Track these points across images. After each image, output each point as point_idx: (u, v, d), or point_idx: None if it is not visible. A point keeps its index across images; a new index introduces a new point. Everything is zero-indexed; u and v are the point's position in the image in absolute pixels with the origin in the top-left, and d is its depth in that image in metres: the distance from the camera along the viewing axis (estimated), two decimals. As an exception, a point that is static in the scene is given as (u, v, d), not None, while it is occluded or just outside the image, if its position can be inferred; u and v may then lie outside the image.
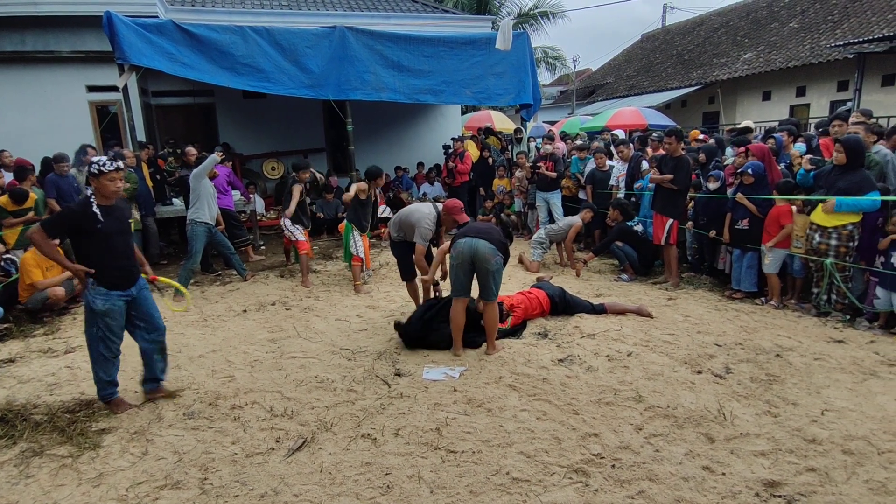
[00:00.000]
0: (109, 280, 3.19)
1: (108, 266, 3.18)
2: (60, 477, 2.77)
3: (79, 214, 3.09)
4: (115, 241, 3.18)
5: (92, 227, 3.08)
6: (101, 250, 3.14)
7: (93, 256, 3.14)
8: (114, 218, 3.19)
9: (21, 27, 8.48)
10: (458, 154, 9.52)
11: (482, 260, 3.93)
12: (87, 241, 3.13)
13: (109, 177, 3.13)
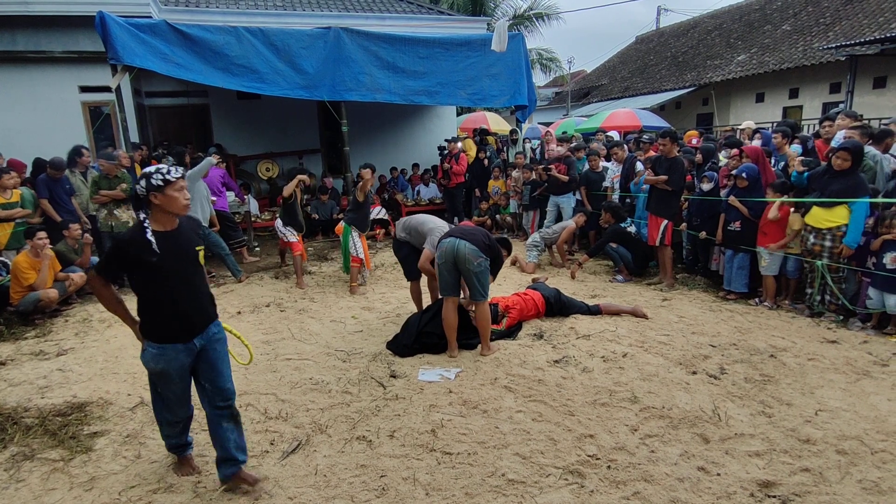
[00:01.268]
0: (164, 331, 2.42)
1: (164, 312, 2.41)
2: (52, 481, 2.74)
3: (128, 243, 2.34)
4: (173, 280, 2.40)
5: (145, 259, 2.33)
6: (155, 290, 2.40)
7: (145, 298, 2.42)
8: (175, 248, 2.40)
9: (13, 27, 8.41)
10: (453, 155, 9.51)
11: (463, 260, 3.93)
12: (140, 277, 2.40)
13: (177, 186, 2.37)
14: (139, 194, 2.37)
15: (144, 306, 2.43)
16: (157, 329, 2.43)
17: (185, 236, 2.48)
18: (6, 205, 5.68)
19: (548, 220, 7.97)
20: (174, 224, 2.44)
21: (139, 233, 2.35)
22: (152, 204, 2.37)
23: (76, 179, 6.65)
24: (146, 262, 2.32)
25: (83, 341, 4.74)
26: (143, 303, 2.43)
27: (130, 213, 6.36)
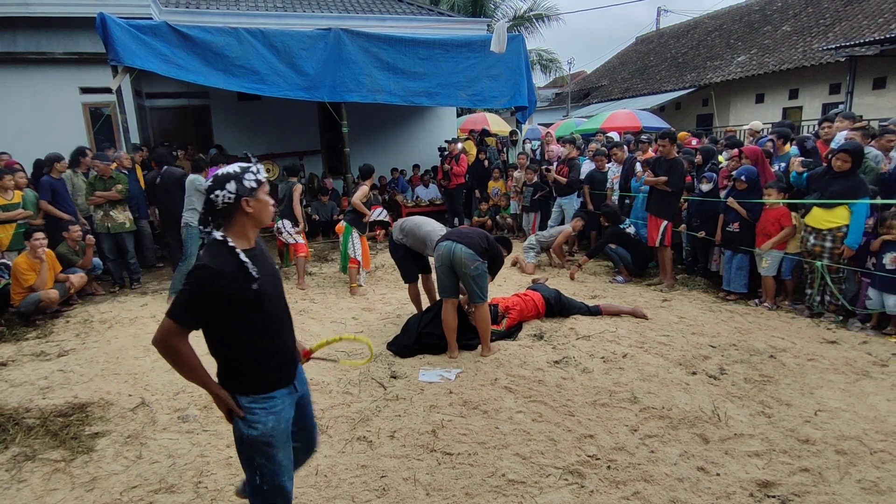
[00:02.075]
0: (270, 377, 1.90)
1: (267, 353, 1.88)
2: (53, 481, 2.75)
3: (219, 273, 1.73)
4: (270, 310, 1.88)
5: (244, 291, 1.77)
6: (254, 329, 1.83)
7: (240, 341, 1.83)
8: (264, 268, 1.87)
9: (13, 28, 8.42)
10: (453, 156, 9.52)
11: (459, 264, 3.94)
12: (235, 315, 1.78)
13: (266, 188, 1.92)
14: (222, 204, 1.80)
15: (240, 354, 1.84)
16: (263, 377, 1.87)
17: (264, 250, 1.98)
18: (7, 206, 5.69)
19: (552, 220, 7.98)
20: (254, 239, 1.92)
21: (228, 256, 1.77)
22: (239, 214, 1.83)
23: (78, 180, 6.67)
24: (242, 296, 1.76)
25: (84, 342, 4.75)
26: (238, 349, 1.83)
27: (127, 213, 6.36)
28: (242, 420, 1.86)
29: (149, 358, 4.35)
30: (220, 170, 1.89)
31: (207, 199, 1.83)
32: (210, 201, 1.82)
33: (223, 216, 1.83)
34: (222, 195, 1.80)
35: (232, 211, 1.82)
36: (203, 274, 1.73)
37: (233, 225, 1.85)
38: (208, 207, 1.83)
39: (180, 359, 1.79)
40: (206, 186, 1.90)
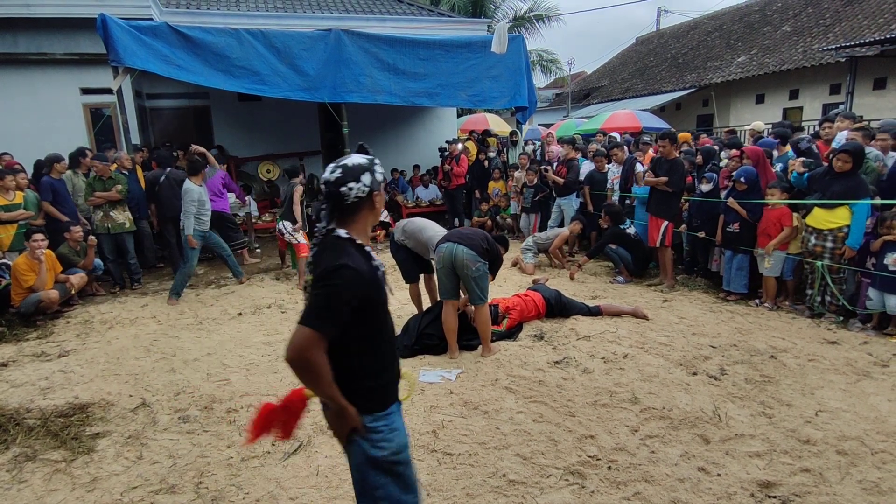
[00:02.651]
0: (391, 389, 1.77)
1: (387, 363, 1.74)
2: (54, 482, 2.75)
3: (363, 277, 1.59)
4: (389, 316, 1.77)
5: (378, 293, 1.66)
6: (382, 336, 1.72)
7: (366, 351, 1.67)
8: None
9: (14, 28, 8.43)
10: (453, 157, 9.53)
11: (461, 266, 3.94)
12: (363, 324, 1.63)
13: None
14: (354, 198, 1.62)
15: (364, 365, 1.67)
16: (382, 391, 1.72)
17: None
18: (8, 206, 5.70)
19: (551, 221, 7.98)
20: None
21: (360, 256, 1.61)
22: (367, 210, 1.67)
23: (79, 180, 6.68)
24: (377, 299, 1.64)
25: (84, 342, 4.75)
26: (363, 359, 1.66)
27: (127, 214, 6.36)
28: (366, 440, 1.65)
29: (149, 358, 4.35)
30: (346, 160, 1.66)
31: (336, 192, 1.62)
32: (340, 196, 1.62)
33: (350, 212, 1.65)
34: (357, 188, 1.62)
35: (361, 206, 1.65)
36: (347, 275, 1.54)
37: (357, 221, 1.67)
38: (336, 202, 1.64)
39: (319, 373, 1.55)
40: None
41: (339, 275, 1.54)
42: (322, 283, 1.55)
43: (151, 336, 4.87)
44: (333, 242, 1.63)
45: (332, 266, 1.55)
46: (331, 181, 1.63)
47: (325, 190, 1.65)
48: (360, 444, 1.66)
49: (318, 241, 1.65)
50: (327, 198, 1.65)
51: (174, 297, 5.85)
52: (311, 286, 1.58)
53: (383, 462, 1.66)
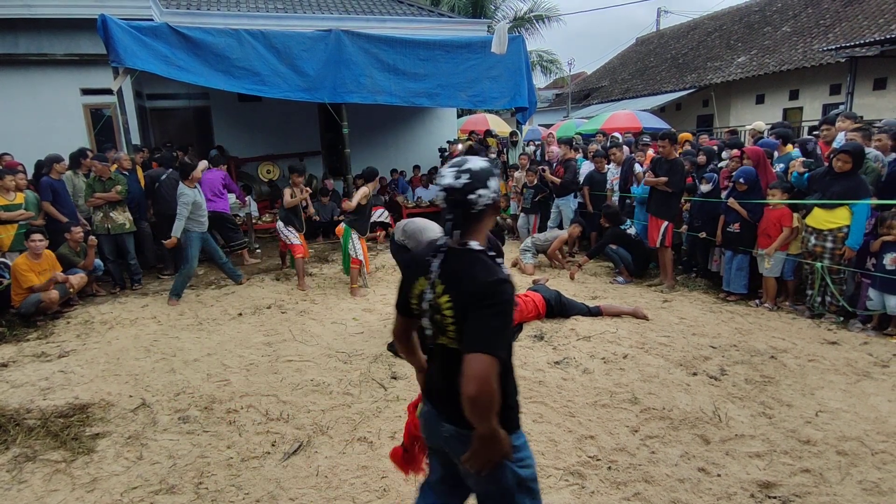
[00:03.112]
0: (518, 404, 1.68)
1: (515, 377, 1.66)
2: (54, 482, 2.75)
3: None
4: None
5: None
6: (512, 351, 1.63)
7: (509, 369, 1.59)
8: None
9: (14, 29, 8.44)
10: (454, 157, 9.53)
11: None
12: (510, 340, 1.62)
13: None
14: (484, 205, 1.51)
15: (507, 382, 1.57)
16: (517, 407, 1.65)
17: None
18: (8, 206, 5.70)
19: (550, 221, 7.97)
20: None
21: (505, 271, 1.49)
22: (489, 217, 1.57)
23: (79, 181, 6.68)
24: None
25: (85, 343, 4.75)
26: (507, 376, 1.57)
27: (126, 214, 6.36)
28: (514, 462, 1.56)
29: (149, 359, 4.35)
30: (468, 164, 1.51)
31: (463, 200, 1.48)
32: (468, 204, 1.49)
33: (476, 220, 1.53)
34: (485, 195, 1.50)
35: (487, 213, 1.54)
36: (510, 291, 1.44)
37: (481, 231, 1.56)
38: (464, 211, 1.50)
39: (496, 404, 1.41)
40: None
41: (505, 292, 1.43)
42: (491, 303, 1.40)
43: (151, 336, 4.87)
44: (473, 256, 1.50)
45: (495, 282, 1.42)
46: (457, 188, 1.48)
47: (446, 197, 1.51)
48: (508, 467, 1.55)
49: (447, 254, 1.52)
50: (452, 206, 1.50)
51: (174, 298, 5.85)
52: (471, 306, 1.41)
53: (529, 481, 1.60)
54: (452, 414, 1.56)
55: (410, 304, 1.66)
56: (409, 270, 1.67)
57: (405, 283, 1.68)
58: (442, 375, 1.61)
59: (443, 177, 1.53)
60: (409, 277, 1.65)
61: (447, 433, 1.60)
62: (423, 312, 1.59)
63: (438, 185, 1.55)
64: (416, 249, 4.64)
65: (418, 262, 1.62)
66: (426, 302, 1.55)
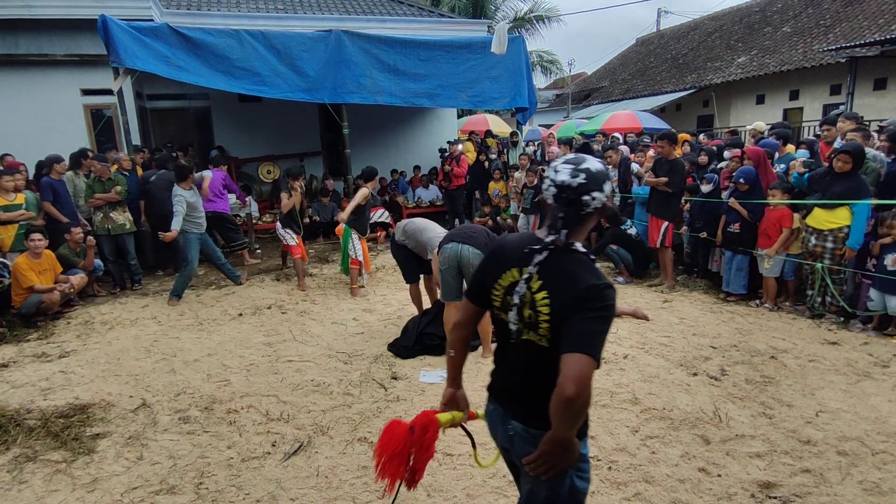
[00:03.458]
0: None
1: None
2: (54, 482, 2.75)
3: None
4: None
5: None
6: None
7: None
8: None
9: (15, 29, 8.45)
10: (454, 157, 9.53)
11: (467, 265, 3.94)
12: None
13: None
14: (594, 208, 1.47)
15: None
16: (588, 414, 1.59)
17: None
18: (9, 206, 5.70)
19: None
20: None
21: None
22: (593, 219, 1.52)
23: (80, 181, 6.68)
24: None
25: (85, 343, 4.75)
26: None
27: (127, 215, 6.36)
28: (576, 471, 1.52)
29: (150, 359, 4.35)
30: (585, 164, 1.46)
31: (577, 200, 1.44)
32: (581, 204, 1.45)
33: (583, 221, 1.48)
34: (599, 198, 1.45)
35: (593, 216, 1.49)
36: (614, 297, 1.42)
37: (583, 233, 1.51)
38: (574, 210, 1.46)
39: (589, 405, 1.39)
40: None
41: (610, 297, 1.41)
42: (596, 306, 1.38)
43: (152, 337, 4.87)
44: (577, 257, 1.46)
45: (601, 286, 1.40)
46: (572, 187, 1.43)
47: (557, 195, 1.46)
48: (569, 476, 1.50)
49: (552, 252, 1.46)
50: (564, 204, 1.45)
51: (175, 298, 5.85)
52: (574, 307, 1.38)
53: (581, 494, 1.55)
54: (523, 412, 1.55)
55: (491, 294, 1.59)
56: (496, 260, 1.59)
57: (488, 272, 1.61)
58: (520, 372, 1.56)
59: (557, 172, 1.47)
60: (496, 267, 1.58)
61: (513, 431, 1.57)
62: (508, 305, 1.53)
63: (550, 180, 1.48)
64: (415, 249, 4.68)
65: (509, 253, 1.56)
66: (516, 295, 1.49)
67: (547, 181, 1.50)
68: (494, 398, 1.67)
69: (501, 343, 1.65)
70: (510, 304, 1.52)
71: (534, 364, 1.51)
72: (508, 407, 1.60)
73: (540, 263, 1.46)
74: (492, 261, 1.62)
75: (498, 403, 1.65)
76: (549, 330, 1.44)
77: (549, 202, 1.50)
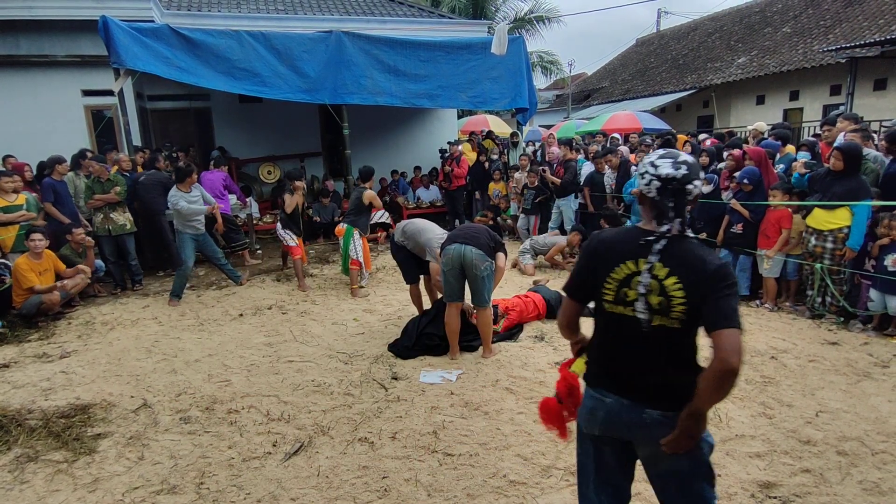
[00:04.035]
0: None
1: None
2: (56, 482, 2.76)
3: None
4: None
5: None
6: None
7: None
8: None
9: (16, 30, 8.46)
10: (454, 158, 9.54)
11: (470, 266, 3.94)
12: None
13: None
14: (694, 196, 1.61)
15: None
16: None
17: None
18: (9, 207, 5.71)
19: (551, 223, 7.97)
20: None
21: None
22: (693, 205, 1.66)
23: (80, 182, 6.68)
24: None
25: (86, 344, 4.76)
26: None
27: (127, 215, 6.36)
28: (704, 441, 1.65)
29: (150, 359, 4.36)
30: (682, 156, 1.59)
31: (683, 190, 1.57)
32: (686, 192, 1.58)
33: (685, 208, 1.61)
34: (699, 186, 1.61)
35: (692, 204, 1.64)
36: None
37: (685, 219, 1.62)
38: (681, 200, 1.58)
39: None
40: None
41: (734, 274, 1.56)
42: (728, 283, 1.51)
43: (153, 337, 4.88)
44: (694, 242, 1.59)
45: (726, 265, 1.55)
46: (678, 178, 1.57)
47: (663, 188, 1.58)
48: (704, 440, 1.64)
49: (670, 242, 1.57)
50: (671, 195, 1.58)
51: (175, 299, 5.86)
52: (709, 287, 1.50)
53: (712, 448, 1.70)
54: (662, 397, 1.61)
55: (602, 289, 1.65)
56: (604, 256, 1.66)
57: (595, 268, 1.68)
58: (654, 359, 1.63)
59: (657, 167, 1.59)
60: (605, 262, 1.65)
61: (649, 419, 1.61)
62: (628, 298, 1.60)
63: (651, 175, 1.60)
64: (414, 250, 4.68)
65: (619, 247, 1.65)
66: (640, 285, 1.57)
67: (646, 176, 1.61)
68: (615, 391, 1.69)
69: (616, 335, 1.69)
70: (630, 296, 1.60)
71: (670, 347, 1.61)
72: (640, 396, 1.64)
73: (661, 252, 1.56)
74: (597, 258, 1.68)
75: (621, 395, 1.67)
76: (683, 312, 1.54)
77: (650, 196, 1.61)
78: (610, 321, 1.69)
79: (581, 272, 1.74)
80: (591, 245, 1.73)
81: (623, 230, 1.73)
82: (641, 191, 1.63)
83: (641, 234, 1.62)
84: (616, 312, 1.65)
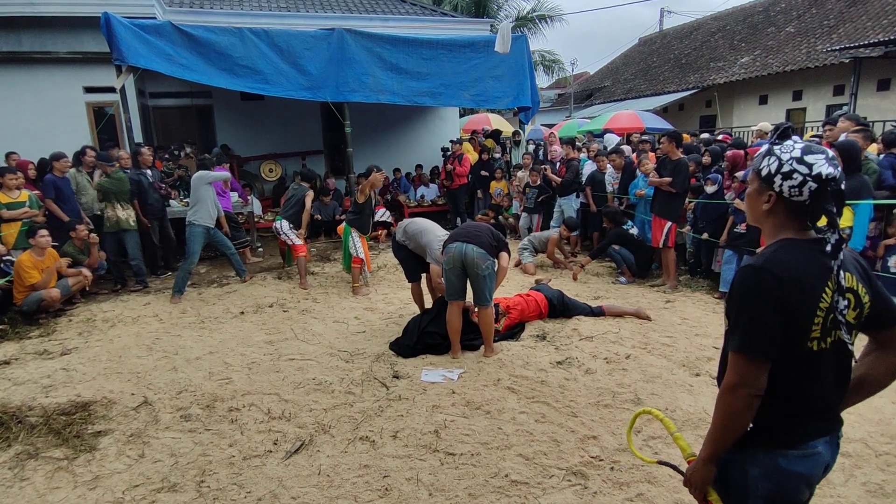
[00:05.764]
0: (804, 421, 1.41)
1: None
2: (56, 479, 2.75)
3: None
4: None
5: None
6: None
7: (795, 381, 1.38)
8: None
9: (18, 27, 8.46)
10: (456, 156, 9.52)
11: (472, 265, 3.93)
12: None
13: None
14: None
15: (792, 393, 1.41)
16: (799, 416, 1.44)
17: None
18: (13, 204, 5.70)
19: (553, 221, 7.96)
20: None
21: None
22: None
23: (82, 179, 6.67)
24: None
25: (87, 341, 4.76)
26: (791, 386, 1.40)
27: (129, 212, 6.32)
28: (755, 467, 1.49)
29: (151, 357, 4.36)
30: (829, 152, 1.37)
31: (840, 190, 1.36)
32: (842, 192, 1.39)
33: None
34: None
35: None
36: (764, 275, 1.36)
37: None
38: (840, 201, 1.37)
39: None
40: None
41: (755, 283, 1.37)
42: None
43: (153, 334, 4.87)
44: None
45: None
46: (837, 178, 1.33)
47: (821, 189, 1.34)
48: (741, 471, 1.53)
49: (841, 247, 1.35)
50: (832, 196, 1.35)
51: (177, 295, 5.85)
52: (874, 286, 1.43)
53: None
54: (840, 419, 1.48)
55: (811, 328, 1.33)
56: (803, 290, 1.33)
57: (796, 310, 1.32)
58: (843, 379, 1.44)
59: (811, 166, 1.33)
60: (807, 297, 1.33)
61: (834, 444, 1.46)
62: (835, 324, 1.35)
63: (805, 176, 1.33)
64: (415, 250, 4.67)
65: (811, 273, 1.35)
66: (843, 305, 1.34)
67: (797, 177, 1.34)
68: (820, 434, 1.42)
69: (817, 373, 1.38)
70: (837, 322, 1.35)
71: (849, 363, 1.43)
72: (835, 427, 1.47)
73: (842, 261, 1.34)
74: (791, 295, 1.32)
75: (825, 435, 1.43)
76: (865, 317, 1.42)
77: (799, 200, 1.36)
78: (812, 360, 1.36)
79: (768, 322, 1.31)
80: (766, 283, 1.32)
81: (781, 251, 1.37)
82: (785, 195, 1.36)
83: (812, 246, 1.37)
84: (824, 348, 1.36)
